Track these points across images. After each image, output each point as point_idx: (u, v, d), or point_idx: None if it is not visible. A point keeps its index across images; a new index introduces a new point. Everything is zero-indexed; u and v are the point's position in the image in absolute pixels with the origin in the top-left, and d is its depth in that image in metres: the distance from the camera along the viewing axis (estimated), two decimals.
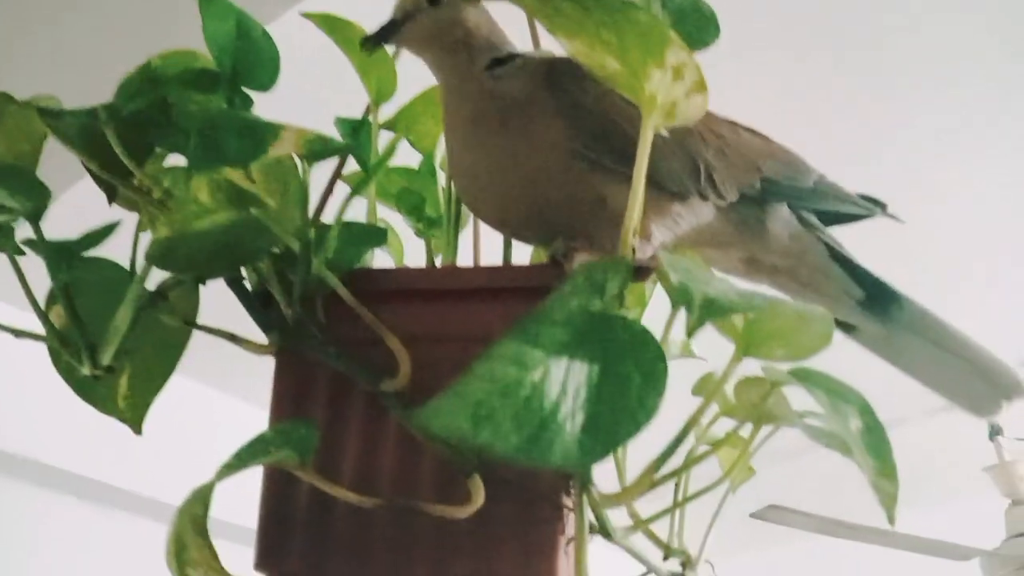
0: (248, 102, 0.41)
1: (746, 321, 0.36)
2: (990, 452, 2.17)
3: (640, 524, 0.48)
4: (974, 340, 0.49)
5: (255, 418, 0.51)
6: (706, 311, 0.31)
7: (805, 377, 0.39)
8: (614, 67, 0.35)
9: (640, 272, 0.44)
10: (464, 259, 0.54)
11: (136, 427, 0.48)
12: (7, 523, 1.72)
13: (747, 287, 0.33)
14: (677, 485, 0.56)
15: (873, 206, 0.51)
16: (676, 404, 0.43)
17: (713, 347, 0.49)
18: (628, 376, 0.34)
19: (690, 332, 0.32)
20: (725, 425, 0.52)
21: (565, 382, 0.33)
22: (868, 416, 0.40)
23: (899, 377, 0.52)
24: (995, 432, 2.26)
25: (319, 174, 0.50)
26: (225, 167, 0.36)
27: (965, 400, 0.49)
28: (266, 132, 0.35)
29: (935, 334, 0.49)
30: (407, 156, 0.59)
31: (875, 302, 0.50)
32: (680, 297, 0.32)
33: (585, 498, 0.38)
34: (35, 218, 0.39)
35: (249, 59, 0.40)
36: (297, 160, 0.39)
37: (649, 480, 0.38)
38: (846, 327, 0.51)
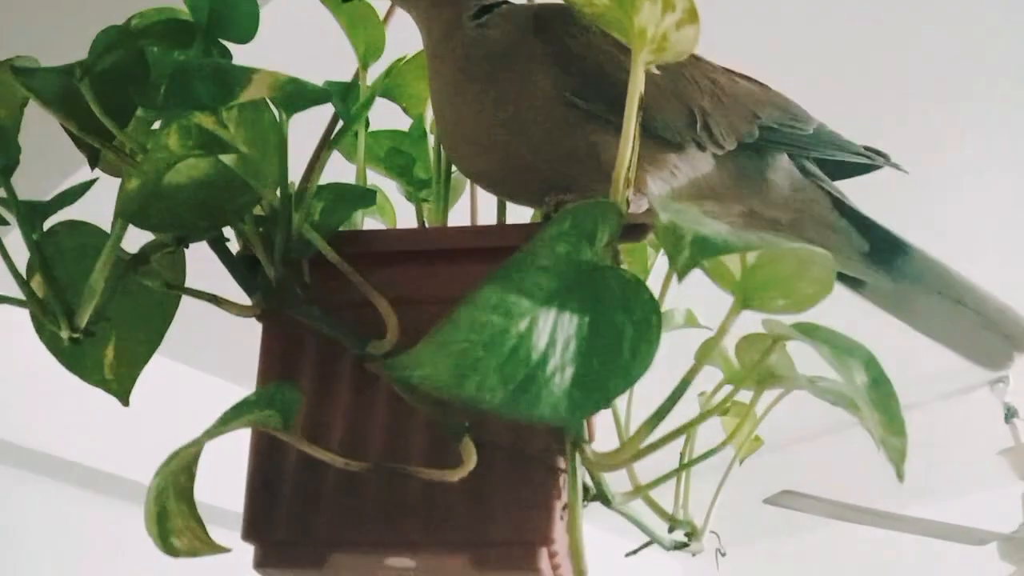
0: (227, 54, 0.40)
1: (743, 269, 0.34)
2: (1006, 437, 2.15)
3: (640, 490, 0.46)
4: (984, 289, 0.47)
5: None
6: (698, 250, 0.29)
7: (808, 331, 0.38)
8: (603, 2, 0.33)
9: (635, 230, 0.43)
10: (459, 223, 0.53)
11: (123, 398, 0.46)
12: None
13: (739, 230, 0.31)
14: (682, 454, 0.54)
15: (877, 156, 0.49)
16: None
17: (718, 317, 0.48)
18: (620, 327, 0.32)
19: (681, 274, 0.31)
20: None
21: (553, 333, 0.31)
22: (874, 369, 0.38)
23: (912, 362, 0.50)
24: (1011, 415, 2.23)
25: (309, 139, 0.49)
26: (195, 112, 0.34)
27: (977, 353, 0.47)
28: (237, 75, 0.34)
29: (944, 285, 0.47)
30: (399, 122, 0.57)
31: (881, 254, 0.48)
32: (670, 237, 0.30)
33: (579, 460, 0.36)
34: (6, 173, 0.37)
35: (226, 9, 0.39)
36: (276, 112, 0.37)
37: (644, 436, 0.36)
38: (853, 282, 0.49)
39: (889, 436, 0.36)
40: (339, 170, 0.50)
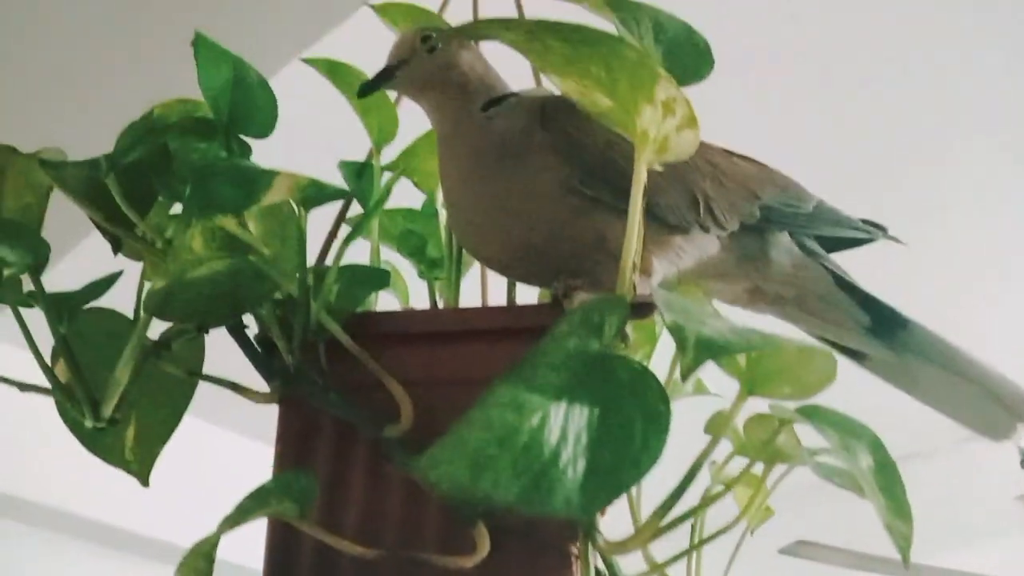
0: (246, 149, 0.42)
1: (748, 359, 0.35)
2: (1021, 482, 2.12)
3: (656, 568, 0.47)
4: (985, 362, 0.48)
5: (257, 453, 0.50)
6: (702, 352, 0.30)
7: (813, 414, 0.38)
8: (606, 104, 0.35)
9: (642, 308, 0.44)
10: (471, 300, 0.54)
11: (143, 479, 0.47)
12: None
13: (745, 324, 0.32)
14: (693, 527, 0.54)
15: (874, 229, 0.51)
16: (693, 443, 0.43)
17: (729, 383, 0.49)
18: (630, 419, 0.33)
19: (685, 374, 0.31)
20: (741, 464, 0.51)
21: (565, 427, 0.32)
22: (880, 453, 0.39)
23: (924, 409, 0.51)
24: None
25: (324, 219, 0.51)
26: (219, 215, 0.36)
27: (980, 424, 0.48)
28: (259, 179, 0.35)
29: (945, 358, 0.48)
30: (411, 198, 0.59)
31: (882, 328, 0.49)
32: (675, 337, 0.31)
33: (591, 546, 0.37)
34: (36, 272, 0.39)
35: (245, 106, 0.41)
36: (295, 205, 0.39)
37: (656, 525, 0.37)
38: (856, 355, 0.50)
39: (895, 520, 0.36)
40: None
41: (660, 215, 0.43)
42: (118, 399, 0.40)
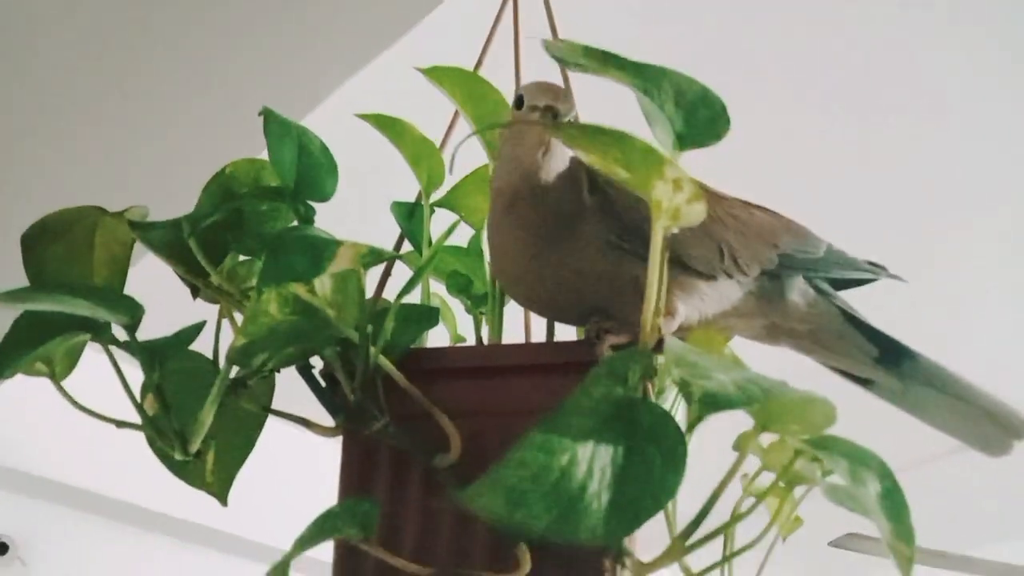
0: (311, 212, 0.47)
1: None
2: None
3: None
4: (981, 387, 0.52)
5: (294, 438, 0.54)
6: (706, 406, 0.34)
7: (824, 445, 0.42)
8: (625, 176, 0.39)
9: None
10: (514, 329, 0.59)
11: (223, 499, 0.53)
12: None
13: (750, 375, 0.36)
14: (726, 537, 0.58)
15: (878, 269, 0.54)
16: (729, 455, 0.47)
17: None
18: (650, 457, 0.37)
19: (691, 427, 0.36)
20: (771, 476, 0.54)
21: (591, 464, 0.37)
22: (887, 480, 0.42)
23: None
24: None
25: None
26: (291, 283, 0.41)
27: (979, 442, 0.52)
28: (325, 249, 0.40)
29: (945, 384, 0.52)
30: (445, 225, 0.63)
31: (889, 358, 0.53)
32: (682, 392, 0.36)
33: (620, 567, 0.41)
34: (131, 329, 0.45)
35: (311, 174, 0.46)
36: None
37: (682, 546, 0.41)
38: (865, 382, 0.54)
39: (899, 543, 0.40)
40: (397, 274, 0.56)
41: (691, 265, 0.48)
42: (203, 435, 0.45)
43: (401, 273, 0.58)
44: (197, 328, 0.47)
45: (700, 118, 0.44)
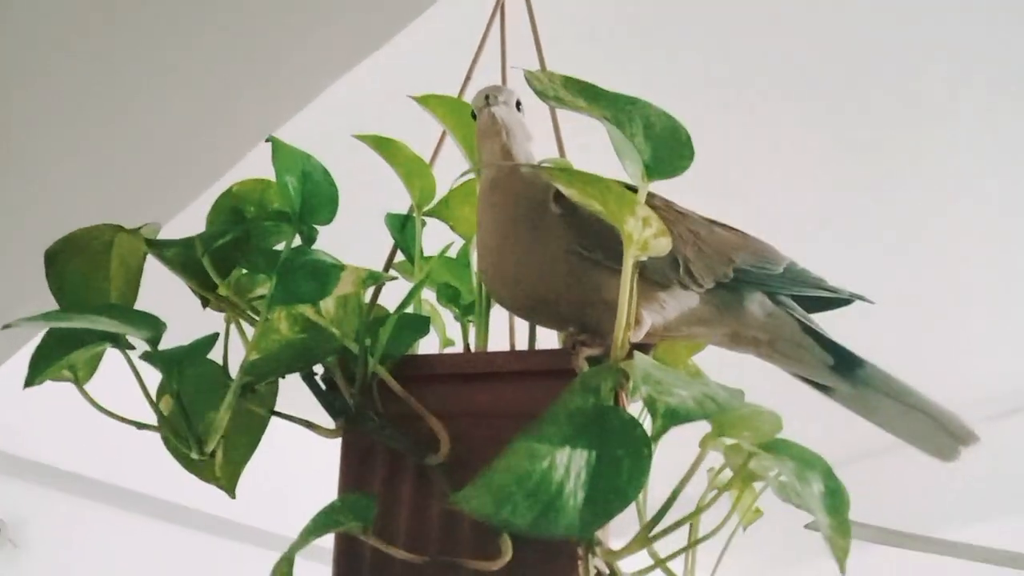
0: (315, 233, 0.51)
1: None
2: None
3: (659, 563, 0.56)
4: (930, 395, 0.57)
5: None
6: (669, 420, 0.40)
7: (774, 448, 0.47)
8: (600, 209, 0.44)
9: (640, 350, 0.53)
10: (501, 335, 0.64)
11: (231, 492, 0.58)
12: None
13: (707, 390, 0.41)
14: (692, 526, 0.64)
15: (842, 289, 0.59)
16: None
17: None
18: (618, 458, 0.42)
19: (656, 437, 0.41)
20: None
21: (568, 466, 0.42)
22: (831, 480, 0.48)
23: (964, 386, 0.58)
24: None
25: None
26: (299, 304, 0.46)
27: (929, 447, 0.57)
28: (330, 274, 0.45)
29: (896, 391, 0.57)
30: (440, 236, 0.68)
31: (844, 366, 0.58)
32: (648, 408, 0.41)
33: (591, 555, 0.46)
34: (154, 342, 0.49)
35: (314, 201, 0.50)
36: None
37: (645, 538, 0.46)
38: (824, 388, 0.59)
39: (836, 536, 0.45)
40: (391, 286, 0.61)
41: (647, 273, 0.52)
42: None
43: (395, 282, 0.63)
44: (211, 339, 0.51)
45: (667, 150, 0.49)
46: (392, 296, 0.58)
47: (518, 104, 0.57)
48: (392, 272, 0.62)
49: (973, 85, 1.40)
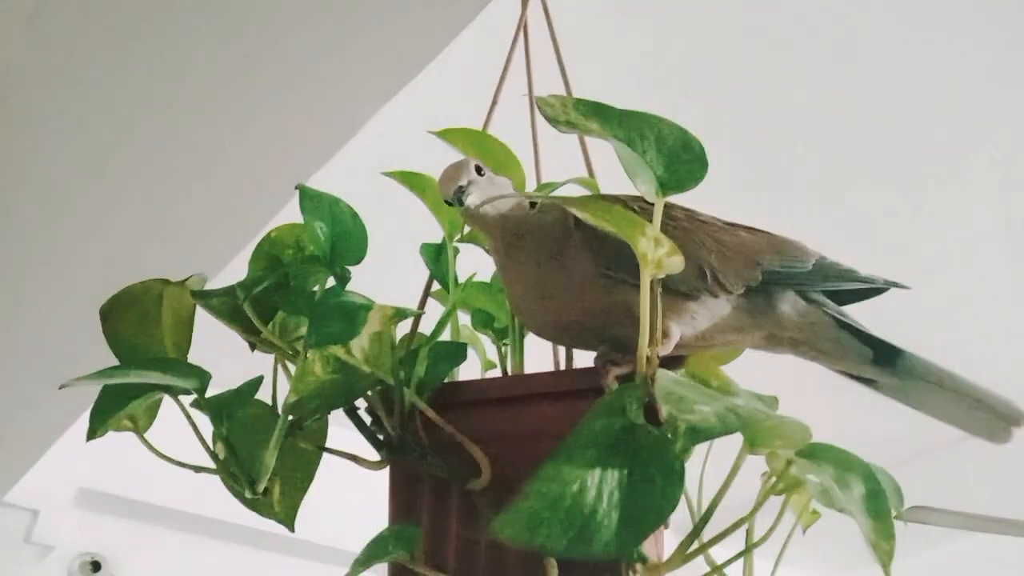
0: (348, 273, 0.53)
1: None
2: None
3: (715, 570, 0.56)
4: (974, 380, 0.56)
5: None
6: (690, 438, 0.40)
7: (812, 454, 0.47)
8: (613, 230, 0.44)
9: (671, 363, 0.53)
10: (537, 356, 0.65)
11: (290, 526, 0.60)
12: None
13: (730, 403, 0.41)
14: (748, 531, 0.64)
15: (875, 277, 0.59)
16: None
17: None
18: (651, 476, 0.43)
19: (681, 455, 0.41)
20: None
21: (600, 488, 0.42)
22: (871, 483, 0.47)
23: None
24: None
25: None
26: (331, 345, 0.47)
27: (980, 431, 0.56)
28: (358, 315, 0.47)
29: (940, 378, 0.57)
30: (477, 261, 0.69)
31: (884, 358, 0.57)
32: (669, 429, 0.41)
33: (632, 572, 0.47)
34: (201, 392, 0.52)
35: (343, 243, 0.52)
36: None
37: (683, 554, 0.47)
38: (869, 382, 0.59)
39: (880, 540, 0.45)
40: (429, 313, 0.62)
41: (673, 286, 0.53)
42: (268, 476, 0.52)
43: (433, 307, 0.64)
44: (256, 383, 0.54)
45: (680, 164, 0.49)
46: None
47: (478, 169, 0.54)
48: (416, 308, 0.64)
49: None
